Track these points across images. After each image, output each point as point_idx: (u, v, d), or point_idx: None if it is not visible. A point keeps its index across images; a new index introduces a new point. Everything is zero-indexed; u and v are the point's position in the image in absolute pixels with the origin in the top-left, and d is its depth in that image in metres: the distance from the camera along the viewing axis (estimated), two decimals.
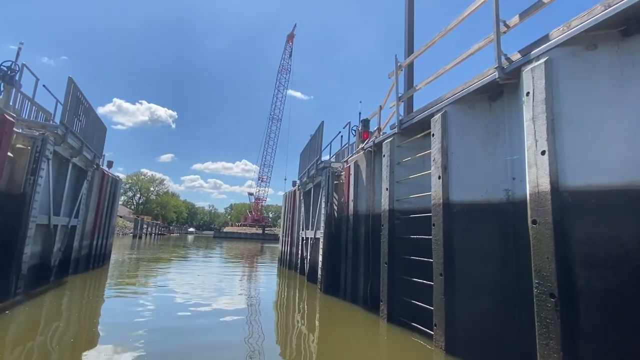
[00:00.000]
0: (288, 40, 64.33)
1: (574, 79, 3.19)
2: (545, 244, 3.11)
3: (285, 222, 13.94)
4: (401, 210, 5.79)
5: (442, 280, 4.35)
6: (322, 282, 7.81)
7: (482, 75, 4.23)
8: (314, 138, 9.06)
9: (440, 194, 4.54)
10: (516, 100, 4.10)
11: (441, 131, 4.70)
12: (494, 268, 4.09)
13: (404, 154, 5.98)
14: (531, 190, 3.31)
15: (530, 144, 3.38)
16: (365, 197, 7.15)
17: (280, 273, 12.47)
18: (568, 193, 3.06)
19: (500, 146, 4.34)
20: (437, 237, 4.53)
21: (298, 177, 12.45)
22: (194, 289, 8.12)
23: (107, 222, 11.76)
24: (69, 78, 8.04)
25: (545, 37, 3.44)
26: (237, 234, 60.68)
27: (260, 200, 72.06)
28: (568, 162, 3.09)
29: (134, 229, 41.75)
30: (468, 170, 4.46)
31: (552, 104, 3.23)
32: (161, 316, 5.63)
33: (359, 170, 7.48)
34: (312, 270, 9.25)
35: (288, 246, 13.04)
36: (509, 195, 4.12)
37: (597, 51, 3.16)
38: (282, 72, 64.20)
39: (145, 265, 13.11)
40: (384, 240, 5.89)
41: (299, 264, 11.07)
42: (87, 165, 9.86)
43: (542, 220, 3.16)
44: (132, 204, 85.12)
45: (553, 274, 3.01)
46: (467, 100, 4.60)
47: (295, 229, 12.26)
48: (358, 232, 7.23)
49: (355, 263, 7.14)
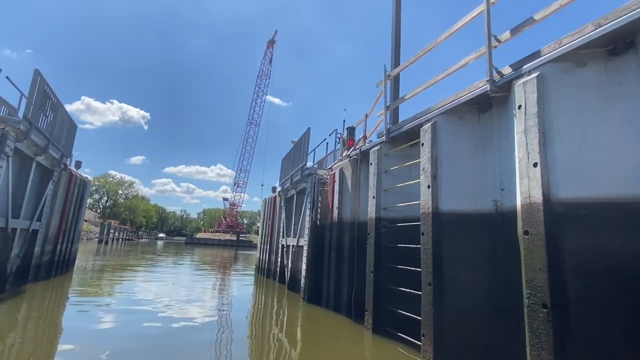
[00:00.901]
0: (268, 46, 64.26)
1: (564, 94, 3.30)
2: (537, 254, 3.15)
3: (264, 229, 13.66)
4: (388, 219, 5.77)
5: (431, 290, 4.33)
6: (306, 291, 7.64)
7: (473, 87, 4.31)
8: (300, 144, 8.96)
9: (430, 203, 4.55)
10: (505, 112, 4.20)
11: (431, 141, 4.74)
12: (482, 278, 4.12)
13: (391, 162, 5.99)
14: (523, 201, 3.37)
15: (522, 155, 3.45)
16: (350, 205, 7.10)
17: (259, 281, 12.15)
18: (559, 204, 3.12)
19: (488, 157, 4.42)
20: (426, 246, 4.53)
21: (279, 183, 12.27)
22: (164, 300, 7.69)
23: (73, 227, 11.04)
24: (36, 70, 7.54)
25: (537, 53, 3.54)
26: (210, 240, 59.06)
27: (235, 206, 70.73)
28: (559, 174, 3.17)
29: (100, 234, 39.68)
30: (457, 180, 4.50)
31: (543, 118, 3.31)
32: (125, 333, 5.07)
33: (344, 178, 7.44)
34: (294, 278, 9.05)
35: (267, 254, 12.76)
36: (497, 205, 4.18)
37: (585, 68, 3.28)
38: (261, 78, 63.94)
39: (111, 273, 12.39)
40: (370, 248, 5.84)
41: (278, 272, 10.83)
42: (54, 165, 9.24)
43: (534, 231, 3.21)
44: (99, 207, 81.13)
45: (545, 285, 3.04)
46: (456, 112, 4.67)
47: (275, 236, 12.03)
48: (342, 240, 7.15)
49: (338, 271, 7.04)
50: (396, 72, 5.97)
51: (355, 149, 7.35)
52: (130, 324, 5.56)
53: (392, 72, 6.09)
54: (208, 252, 35.96)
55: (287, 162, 11.10)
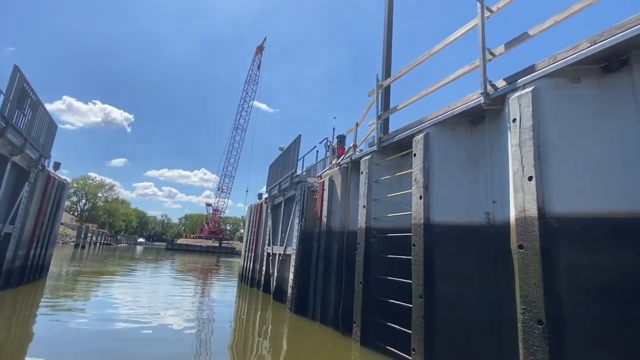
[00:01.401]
0: (257, 52, 64.25)
1: (559, 109, 3.32)
2: (532, 269, 3.12)
3: (249, 237, 13.39)
4: (378, 229, 5.70)
5: (422, 303, 4.26)
6: (293, 301, 7.45)
7: (466, 100, 4.32)
8: (290, 151, 8.84)
9: (422, 214, 4.51)
10: (498, 125, 4.22)
11: (423, 151, 4.71)
12: (474, 291, 4.07)
13: (381, 172, 5.95)
14: (517, 214, 3.35)
15: (516, 169, 3.44)
16: (339, 214, 7.01)
17: (242, 291, 11.85)
18: (554, 219, 3.11)
19: (480, 169, 4.42)
20: (417, 257, 4.47)
21: (266, 190, 12.09)
22: (141, 310, 7.36)
23: (49, 231, 10.54)
24: (15, 66, 7.22)
25: (531, 68, 3.57)
26: (191, 246, 57.73)
27: (218, 211, 69.59)
28: (554, 188, 3.17)
29: (77, 238, 38.20)
30: (449, 192, 4.48)
31: (538, 132, 3.32)
32: (98, 345, 4.70)
33: (334, 186, 7.36)
34: (280, 288, 8.84)
35: (251, 262, 12.48)
36: (489, 218, 4.17)
37: (580, 84, 3.32)
38: (249, 83, 63.73)
39: (88, 280, 11.86)
40: (360, 258, 5.75)
41: (263, 281, 10.58)
42: (31, 166, 8.82)
43: (529, 245, 3.18)
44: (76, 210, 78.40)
45: (540, 300, 3.01)
46: (449, 123, 4.67)
47: (260, 244, 11.79)
48: (330, 250, 7.03)
49: (326, 282, 6.90)
50: (388, 82, 5.97)
51: (345, 158, 7.30)
52: (103, 335, 5.24)
53: (385, 82, 6.08)
54: (189, 258, 35.07)
55: (276, 168, 10.95)
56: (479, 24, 4.17)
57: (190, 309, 7.78)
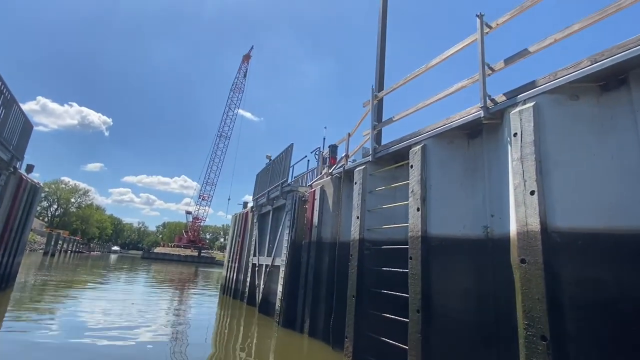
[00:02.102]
0: (244, 60, 64.16)
1: (559, 125, 3.36)
2: (535, 283, 3.09)
3: (233, 247, 13.03)
4: (371, 241, 5.62)
5: (419, 318, 4.17)
6: (282, 314, 7.21)
7: (465, 113, 4.35)
8: (281, 159, 8.69)
9: (419, 227, 4.46)
10: (495, 140, 4.25)
11: (420, 163, 4.70)
12: (473, 306, 4.02)
13: (375, 183, 5.90)
14: (519, 228, 3.34)
15: (518, 183, 3.45)
16: (330, 224, 6.89)
17: (224, 303, 11.44)
18: (557, 234, 3.11)
19: (477, 183, 4.43)
20: (415, 270, 4.39)
21: (252, 198, 11.84)
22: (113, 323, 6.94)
23: (18, 237, 9.90)
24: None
25: (532, 83, 3.63)
26: (169, 255, 55.94)
27: (198, 219, 67.99)
28: (556, 203, 3.17)
29: (47, 245, 36.29)
30: (447, 205, 4.46)
31: (539, 147, 3.35)
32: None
33: (325, 196, 7.25)
34: (266, 301, 8.57)
35: (234, 273, 12.11)
36: (487, 232, 4.16)
37: (579, 102, 3.38)
38: (235, 91, 63.37)
39: (57, 290, 11.17)
40: (353, 271, 5.63)
41: (247, 293, 10.25)
42: (1, 168, 8.30)
43: (531, 260, 3.16)
44: (46, 215, 74.80)
45: (544, 316, 2.97)
46: (446, 136, 4.69)
47: (245, 254, 11.48)
48: (321, 261, 6.89)
49: (316, 294, 6.73)
50: (384, 94, 5.99)
51: (337, 167, 7.23)
52: (66, 350, 4.86)
53: (380, 93, 6.10)
54: (166, 268, 33.91)
55: (264, 177, 10.76)
56: (478, 40, 4.23)
57: (166, 323, 7.37)
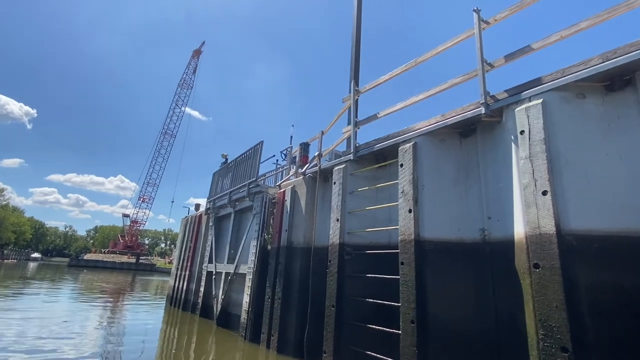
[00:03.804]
0: (194, 56, 60.98)
1: (568, 123, 3.24)
2: (552, 290, 2.89)
3: (184, 253, 11.84)
4: (352, 245, 5.21)
5: (414, 329, 3.82)
6: (248, 328, 6.46)
7: (462, 110, 4.14)
8: (247, 157, 7.93)
9: (412, 230, 4.14)
10: (491, 139, 4.10)
11: (412, 162, 4.40)
12: (471, 314, 3.77)
13: (356, 183, 5.52)
14: (530, 231, 3.14)
15: (527, 182, 3.26)
16: (303, 228, 6.37)
17: (172, 315, 10.26)
18: (571, 236, 2.95)
19: (472, 183, 4.24)
20: (407, 277, 4.06)
21: (208, 200, 10.85)
22: (26, 343, 5.74)
23: None
24: None
25: (537, 80, 3.50)
26: (102, 262, 50.67)
27: (137, 223, 62.70)
28: (569, 204, 3.02)
29: None
30: (440, 206, 4.20)
31: (550, 145, 3.19)
32: None
33: (297, 197, 6.72)
34: (226, 312, 7.72)
35: (185, 282, 10.96)
36: (485, 235, 3.96)
37: (585, 100, 3.29)
38: (183, 87, 59.85)
39: None
40: (332, 278, 5.16)
41: (201, 303, 9.25)
42: None
43: (546, 264, 2.97)
44: None
45: (564, 325, 2.77)
46: (438, 134, 4.46)
47: (198, 261, 10.44)
48: (291, 268, 6.32)
49: (285, 304, 6.14)
50: (368, 88, 5.66)
51: (311, 166, 6.75)
52: None
53: (363, 88, 5.76)
54: (98, 277, 30.43)
55: (222, 176, 9.88)
56: (476, 34, 4.06)
57: (93, 343, 6.23)
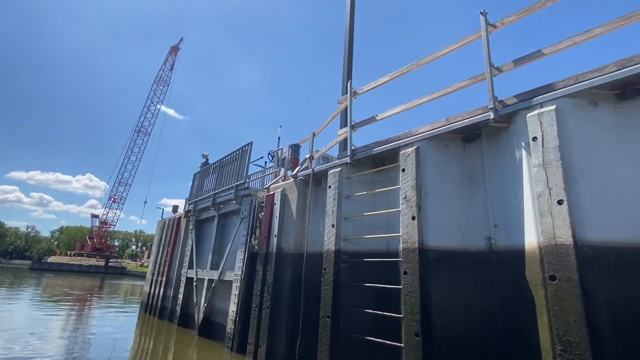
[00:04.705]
0: (171, 52, 59.17)
1: (581, 130, 3.17)
2: (570, 304, 2.77)
3: (161, 257, 11.22)
4: (349, 252, 4.99)
5: (419, 342, 3.64)
6: (235, 339, 6.08)
7: (469, 115, 4.02)
8: (234, 158, 7.52)
9: (415, 238, 3.97)
10: (497, 145, 4.00)
11: (415, 167, 4.24)
12: (477, 326, 3.63)
13: (353, 187, 5.31)
14: (546, 241, 3.02)
15: (541, 191, 3.15)
16: (294, 233, 6.09)
17: (147, 324, 9.65)
18: (588, 248, 2.85)
19: (476, 190, 4.13)
20: (411, 287, 3.87)
21: (188, 202, 10.32)
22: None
23: None
24: None
25: (549, 86, 3.41)
26: (67, 265, 47.92)
27: (107, 224, 59.85)
28: (585, 214, 2.93)
29: None
30: (444, 213, 4.06)
31: (564, 152, 3.10)
32: None
33: (287, 201, 6.43)
34: (208, 322, 7.28)
35: (161, 288, 10.36)
36: (491, 243, 3.84)
37: (598, 108, 3.24)
38: (159, 84, 57.83)
39: None
40: (327, 287, 4.91)
41: (179, 312, 8.73)
42: None
43: (564, 276, 2.85)
44: None
45: (584, 341, 2.65)
46: (441, 139, 4.32)
47: (176, 266, 9.89)
48: (280, 275, 6.02)
49: (274, 314, 5.82)
50: (367, 89, 5.48)
51: (302, 168, 6.48)
52: None
53: (360, 89, 5.57)
54: (63, 281, 28.65)
55: (204, 177, 9.42)
56: (483, 37, 3.96)
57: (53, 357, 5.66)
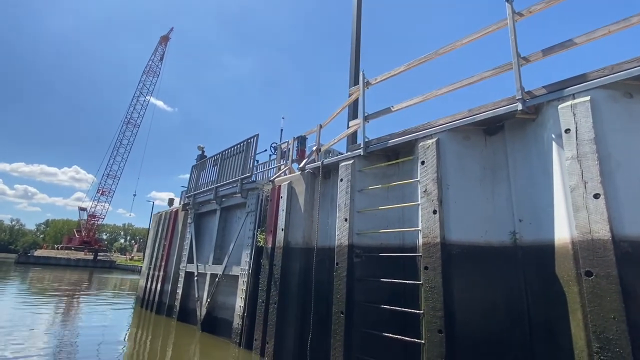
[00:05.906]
0: (161, 42, 57.86)
1: (617, 122, 3.08)
2: (609, 300, 2.69)
3: (157, 251, 10.94)
4: (362, 247, 4.86)
5: (442, 339, 3.54)
6: (244, 334, 5.92)
7: (494, 105, 3.90)
8: (238, 151, 7.27)
9: (437, 232, 3.85)
10: (522, 137, 3.90)
11: (436, 159, 4.12)
12: (502, 324, 3.55)
13: (365, 180, 5.17)
14: (581, 236, 2.93)
15: (575, 184, 3.05)
16: (302, 227, 5.93)
17: (145, 319, 9.41)
18: (626, 243, 2.77)
19: (499, 183, 4.02)
20: (433, 284, 3.76)
21: (186, 195, 10.05)
22: None
23: None
24: None
25: (582, 76, 3.31)
26: (55, 259, 46.80)
27: (95, 217, 58.72)
28: (623, 208, 2.85)
29: None
30: (466, 207, 3.95)
31: (599, 145, 3.01)
32: None
33: (294, 194, 6.26)
34: (212, 317, 7.10)
35: (159, 283, 10.12)
36: (515, 238, 3.75)
37: (633, 100, 3.15)
38: (148, 74, 56.60)
39: None
40: (340, 282, 4.78)
41: (177, 307, 8.53)
42: None
43: (601, 272, 2.77)
44: None
45: (624, 337, 2.58)
46: (462, 131, 4.20)
47: (174, 260, 9.65)
48: (288, 270, 5.86)
49: (282, 309, 5.68)
50: (381, 79, 5.31)
51: (310, 161, 6.31)
52: None
53: (374, 79, 5.40)
54: (50, 275, 27.93)
55: (204, 170, 9.16)
56: (509, 26, 3.83)
57: (42, 352, 5.44)
